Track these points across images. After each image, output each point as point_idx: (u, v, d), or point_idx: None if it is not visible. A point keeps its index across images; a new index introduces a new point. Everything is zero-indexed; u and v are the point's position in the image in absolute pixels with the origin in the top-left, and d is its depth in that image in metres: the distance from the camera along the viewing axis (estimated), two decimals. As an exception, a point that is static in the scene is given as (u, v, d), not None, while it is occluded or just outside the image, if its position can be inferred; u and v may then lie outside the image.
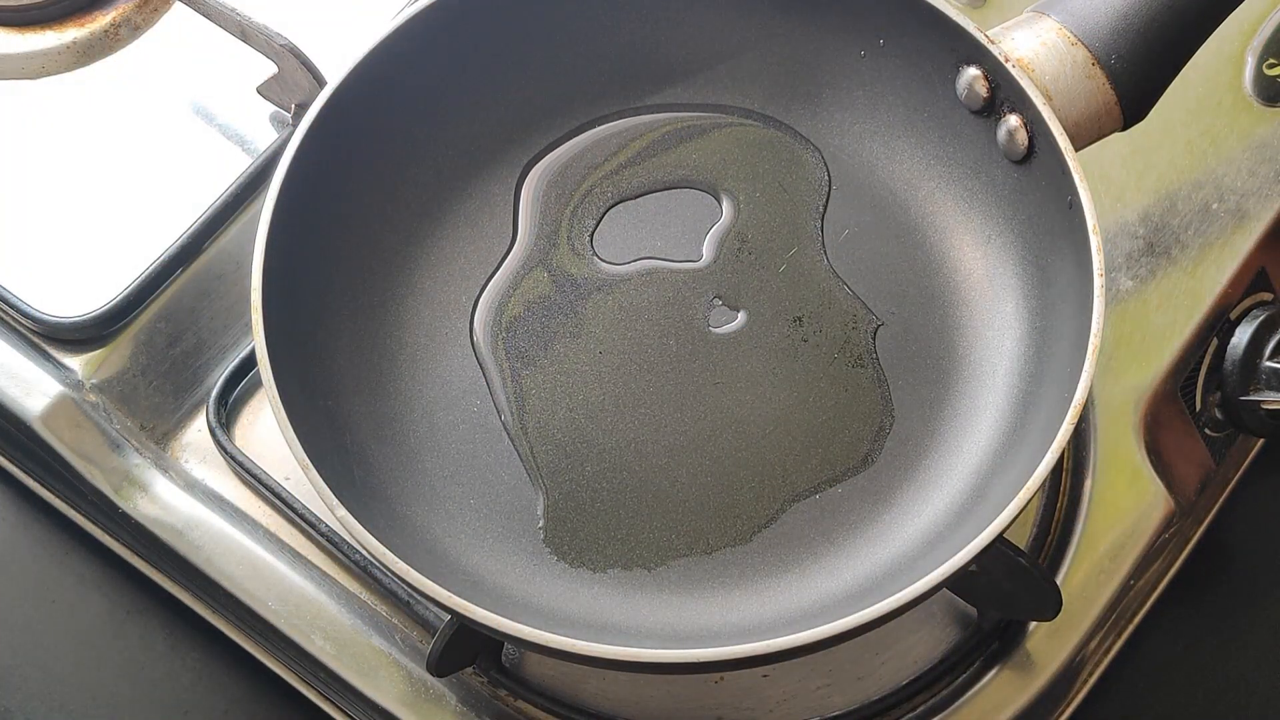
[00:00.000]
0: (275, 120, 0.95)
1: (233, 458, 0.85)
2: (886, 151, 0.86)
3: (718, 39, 0.89)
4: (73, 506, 0.86)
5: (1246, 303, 0.91)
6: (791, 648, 0.67)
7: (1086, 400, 0.72)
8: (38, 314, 0.87)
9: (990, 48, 0.78)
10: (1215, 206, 0.92)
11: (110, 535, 0.85)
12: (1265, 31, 0.97)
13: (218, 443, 0.85)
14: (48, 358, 0.87)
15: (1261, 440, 0.92)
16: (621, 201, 0.87)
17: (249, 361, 0.86)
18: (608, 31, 0.88)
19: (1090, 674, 0.83)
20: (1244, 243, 0.91)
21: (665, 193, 0.87)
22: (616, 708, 0.79)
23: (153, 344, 0.88)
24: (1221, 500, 0.91)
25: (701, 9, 0.88)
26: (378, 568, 0.81)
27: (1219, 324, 0.90)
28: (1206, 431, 0.90)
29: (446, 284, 0.85)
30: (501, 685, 0.79)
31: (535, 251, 0.86)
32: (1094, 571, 0.83)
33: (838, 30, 0.85)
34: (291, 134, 0.79)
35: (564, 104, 0.89)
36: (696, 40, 0.89)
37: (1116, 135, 0.80)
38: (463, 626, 0.74)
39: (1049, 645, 0.81)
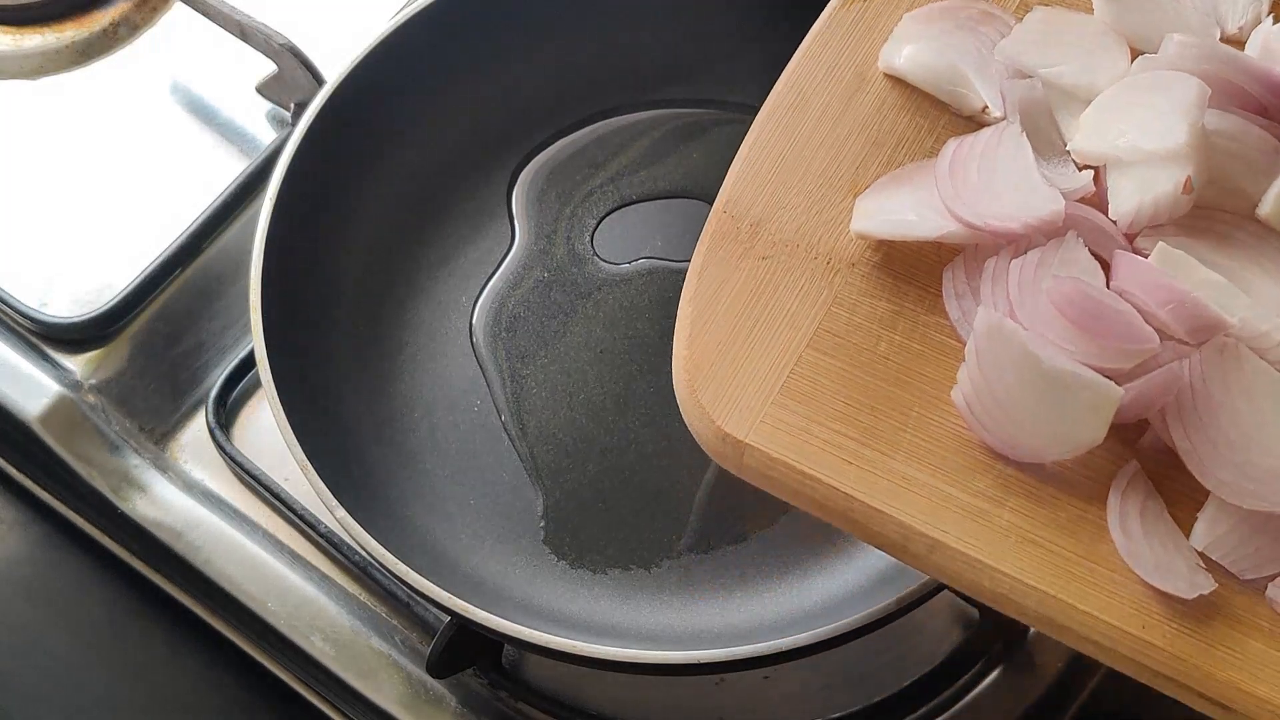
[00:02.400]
0: (275, 119, 0.95)
1: (232, 458, 0.84)
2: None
3: (718, 38, 0.89)
4: (72, 508, 0.85)
5: None
6: (792, 649, 0.67)
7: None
8: (37, 314, 0.87)
9: (991, 47, 0.78)
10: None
11: (109, 536, 0.85)
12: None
13: (217, 443, 0.85)
14: (47, 358, 0.87)
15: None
16: (623, 207, 0.87)
17: (249, 361, 0.86)
18: (608, 31, 0.88)
19: (1094, 673, 0.83)
20: None
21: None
22: (617, 709, 0.79)
23: (152, 344, 0.88)
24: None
25: (702, 9, 0.88)
26: (377, 568, 0.81)
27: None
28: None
29: (446, 284, 0.85)
30: (501, 687, 0.79)
31: (535, 251, 0.86)
32: (1096, 571, 0.83)
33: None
34: (291, 133, 0.79)
35: (565, 102, 0.89)
36: (697, 39, 0.89)
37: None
38: (462, 627, 0.74)
39: (1051, 645, 0.81)
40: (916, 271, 0.61)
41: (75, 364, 0.87)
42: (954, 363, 0.58)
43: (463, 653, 0.77)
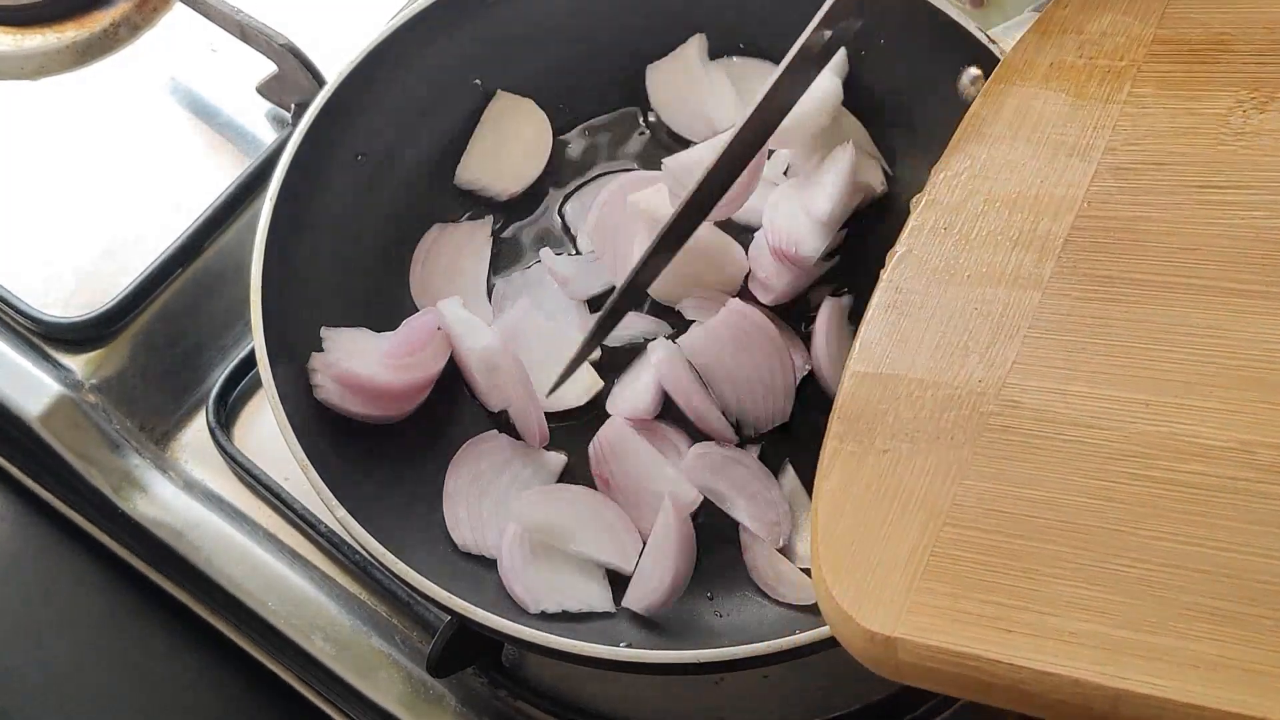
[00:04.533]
0: (275, 119, 0.95)
1: (232, 458, 0.85)
2: (886, 150, 0.85)
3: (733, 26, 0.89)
4: (72, 507, 0.86)
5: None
6: (792, 649, 0.67)
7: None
8: (38, 314, 0.87)
9: (991, 48, 0.78)
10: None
11: (110, 536, 0.85)
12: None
13: (217, 443, 0.85)
14: (47, 358, 0.87)
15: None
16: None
17: (249, 361, 0.86)
18: (604, 30, 0.87)
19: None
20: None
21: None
22: (617, 708, 0.79)
23: (152, 344, 0.88)
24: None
25: (703, 6, 0.88)
26: (378, 568, 0.81)
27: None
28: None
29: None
30: (501, 686, 0.79)
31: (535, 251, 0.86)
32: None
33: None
34: (291, 133, 0.79)
35: (564, 101, 0.89)
36: (710, 27, 0.89)
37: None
38: (462, 627, 0.74)
39: (1050, 645, 0.81)
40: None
41: (76, 364, 0.87)
42: (1105, 504, 0.56)
43: (463, 652, 0.77)
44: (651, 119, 0.88)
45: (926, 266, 0.65)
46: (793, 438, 0.80)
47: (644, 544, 0.76)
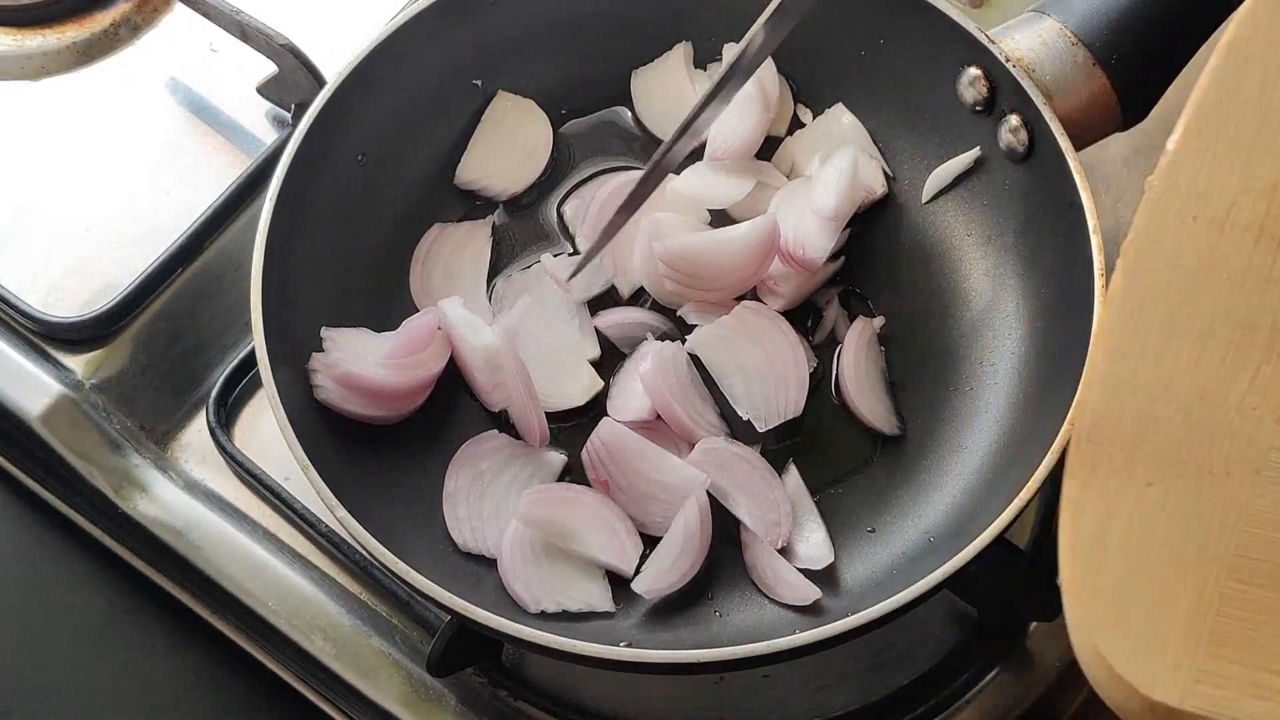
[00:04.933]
0: (275, 119, 0.95)
1: (232, 458, 0.85)
2: (886, 150, 0.86)
3: (720, 35, 0.89)
4: (72, 507, 0.86)
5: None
6: (792, 648, 0.67)
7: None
8: (38, 314, 0.87)
9: (991, 48, 0.78)
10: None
11: (110, 535, 0.85)
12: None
13: (217, 443, 0.85)
14: (48, 358, 0.87)
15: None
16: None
17: (249, 361, 0.86)
18: (602, 31, 0.88)
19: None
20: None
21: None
22: (617, 708, 0.79)
23: (153, 344, 0.88)
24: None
25: (703, 5, 0.88)
26: (378, 568, 0.81)
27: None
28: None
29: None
30: (501, 685, 0.79)
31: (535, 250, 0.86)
32: (1095, 571, 0.83)
33: (838, 28, 0.85)
34: (291, 134, 0.79)
35: (565, 101, 0.89)
36: (698, 34, 0.89)
37: (1117, 135, 0.80)
38: (462, 626, 0.74)
39: (1050, 644, 0.81)
40: None
41: (76, 363, 0.87)
42: None
43: (463, 651, 0.77)
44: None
45: (1174, 263, 0.56)
46: (796, 438, 0.80)
47: (644, 543, 0.76)
